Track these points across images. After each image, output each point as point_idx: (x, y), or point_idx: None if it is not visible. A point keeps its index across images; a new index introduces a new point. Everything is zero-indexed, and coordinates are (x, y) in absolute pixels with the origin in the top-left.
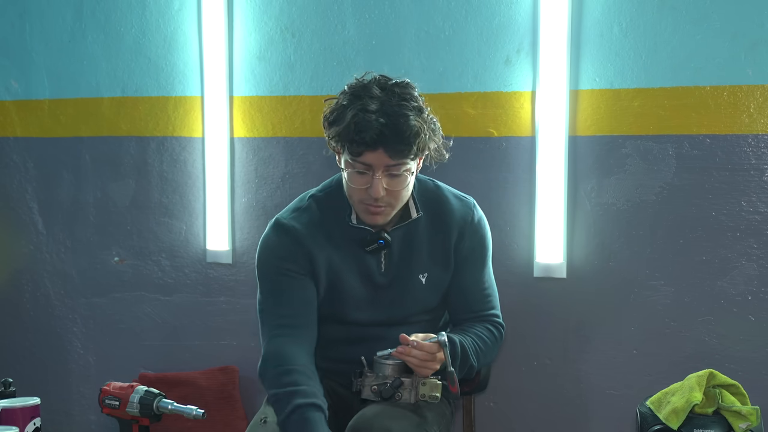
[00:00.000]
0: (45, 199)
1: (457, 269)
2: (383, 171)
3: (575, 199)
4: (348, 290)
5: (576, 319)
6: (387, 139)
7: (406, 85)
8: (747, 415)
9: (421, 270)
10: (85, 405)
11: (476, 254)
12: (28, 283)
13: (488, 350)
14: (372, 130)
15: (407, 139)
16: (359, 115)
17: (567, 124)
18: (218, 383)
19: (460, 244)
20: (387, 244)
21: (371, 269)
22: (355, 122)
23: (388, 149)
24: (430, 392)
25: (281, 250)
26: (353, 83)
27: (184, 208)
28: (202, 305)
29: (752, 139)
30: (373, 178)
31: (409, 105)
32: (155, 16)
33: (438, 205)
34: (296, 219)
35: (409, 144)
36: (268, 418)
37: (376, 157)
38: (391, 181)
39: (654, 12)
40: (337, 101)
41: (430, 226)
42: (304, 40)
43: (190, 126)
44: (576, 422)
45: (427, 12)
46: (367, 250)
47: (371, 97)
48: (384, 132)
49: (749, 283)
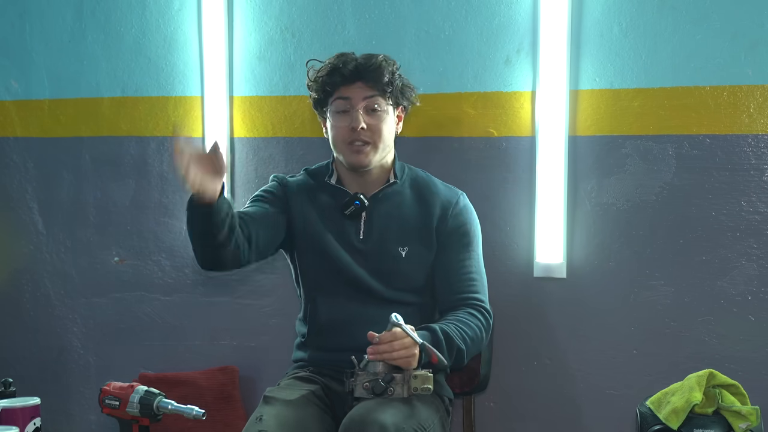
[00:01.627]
0: (45, 199)
1: (440, 250)
2: (363, 106)
3: (575, 199)
4: (326, 250)
5: (576, 319)
6: (362, 71)
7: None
8: (747, 415)
9: (401, 243)
10: (85, 405)
11: (459, 236)
12: (28, 283)
13: (474, 334)
14: (348, 64)
15: (380, 70)
16: (338, 58)
17: (567, 124)
18: (218, 383)
19: (442, 225)
20: (363, 206)
21: (350, 234)
22: (334, 62)
23: (365, 80)
24: (422, 384)
25: (269, 188)
26: None
27: (184, 208)
28: (202, 305)
29: (752, 139)
30: (353, 111)
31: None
32: (155, 16)
33: (425, 185)
34: (292, 178)
35: (382, 74)
36: (264, 416)
37: (353, 91)
38: (370, 117)
39: (654, 12)
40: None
41: (414, 202)
42: (304, 40)
43: (190, 126)
44: (576, 422)
45: (427, 12)
46: (346, 214)
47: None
48: (359, 66)
49: (749, 283)
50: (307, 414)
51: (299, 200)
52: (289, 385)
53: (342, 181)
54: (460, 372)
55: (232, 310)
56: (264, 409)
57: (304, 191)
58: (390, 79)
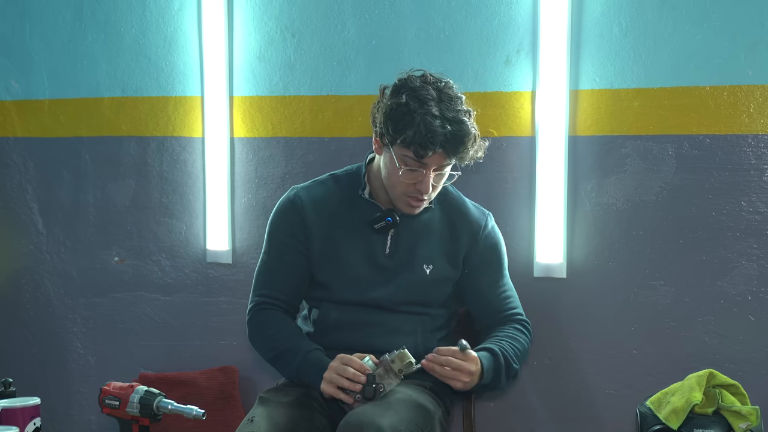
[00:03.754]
0: (45, 199)
1: (474, 273)
2: (435, 170)
3: (575, 199)
4: (346, 267)
5: (576, 319)
6: (450, 144)
7: (452, 86)
8: (747, 415)
9: (426, 260)
10: (85, 405)
11: (490, 259)
12: (28, 283)
13: (524, 349)
14: (439, 136)
15: (467, 145)
16: (427, 120)
17: (567, 124)
18: (218, 383)
19: (472, 248)
20: (395, 222)
21: (376, 249)
22: (425, 128)
23: (448, 152)
24: (402, 364)
25: (285, 223)
26: (405, 80)
27: (184, 208)
28: (202, 305)
29: (752, 139)
30: (425, 175)
31: (463, 109)
32: (155, 16)
33: (456, 205)
34: (308, 190)
35: (467, 149)
36: (256, 417)
37: (434, 159)
38: (437, 177)
39: (654, 12)
40: (396, 99)
41: (444, 221)
42: (304, 40)
43: (190, 126)
44: (576, 422)
45: (427, 12)
46: (375, 228)
47: (431, 99)
48: (448, 137)
49: (749, 283)
50: (301, 415)
51: (320, 219)
52: (286, 385)
53: (375, 195)
54: None
55: (232, 310)
56: (257, 410)
57: (327, 206)
58: (474, 150)
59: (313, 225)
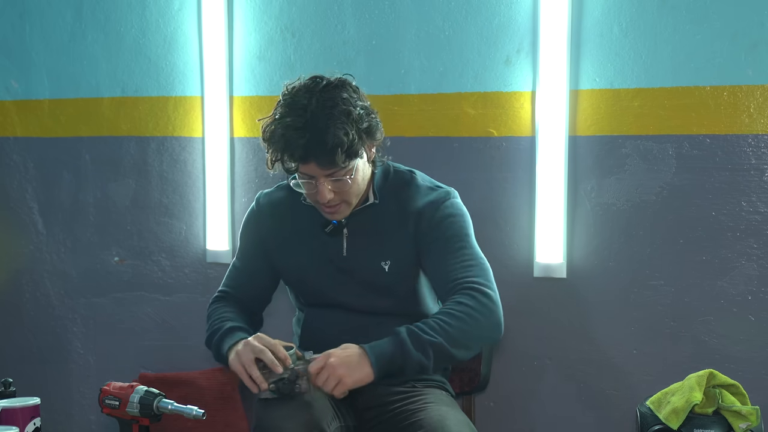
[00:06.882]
0: (45, 199)
1: (424, 253)
2: (324, 178)
3: (575, 199)
4: (308, 272)
5: (576, 319)
6: (313, 153)
7: (336, 86)
8: (747, 415)
9: (383, 257)
10: (85, 405)
11: (437, 234)
12: (28, 283)
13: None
14: (298, 148)
15: (331, 151)
16: (286, 134)
17: (567, 124)
18: (218, 383)
19: (418, 228)
20: (341, 224)
21: (334, 253)
22: (283, 141)
23: (318, 162)
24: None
25: (248, 230)
26: (285, 91)
27: (184, 208)
28: (202, 305)
29: (752, 139)
30: (319, 184)
31: (334, 112)
32: (155, 16)
33: (404, 194)
34: (269, 196)
35: (334, 155)
36: None
37: (310, 169)
38: (336, 184)
39: (654, 12)
40: (270, 116)
41: (394, 213)
42: (304, 40)
43: (190, 126)
44: (576, 422)
45: (427, 12)
46: (326, 232)
47: (298, 108)
48: (309, 147)
49: (749, 283)
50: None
51: (279, 225)
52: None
53: None
54: (461, 372)
55: None
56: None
57: (282, 210)
58: (348, 150)
59: (272, 231)
